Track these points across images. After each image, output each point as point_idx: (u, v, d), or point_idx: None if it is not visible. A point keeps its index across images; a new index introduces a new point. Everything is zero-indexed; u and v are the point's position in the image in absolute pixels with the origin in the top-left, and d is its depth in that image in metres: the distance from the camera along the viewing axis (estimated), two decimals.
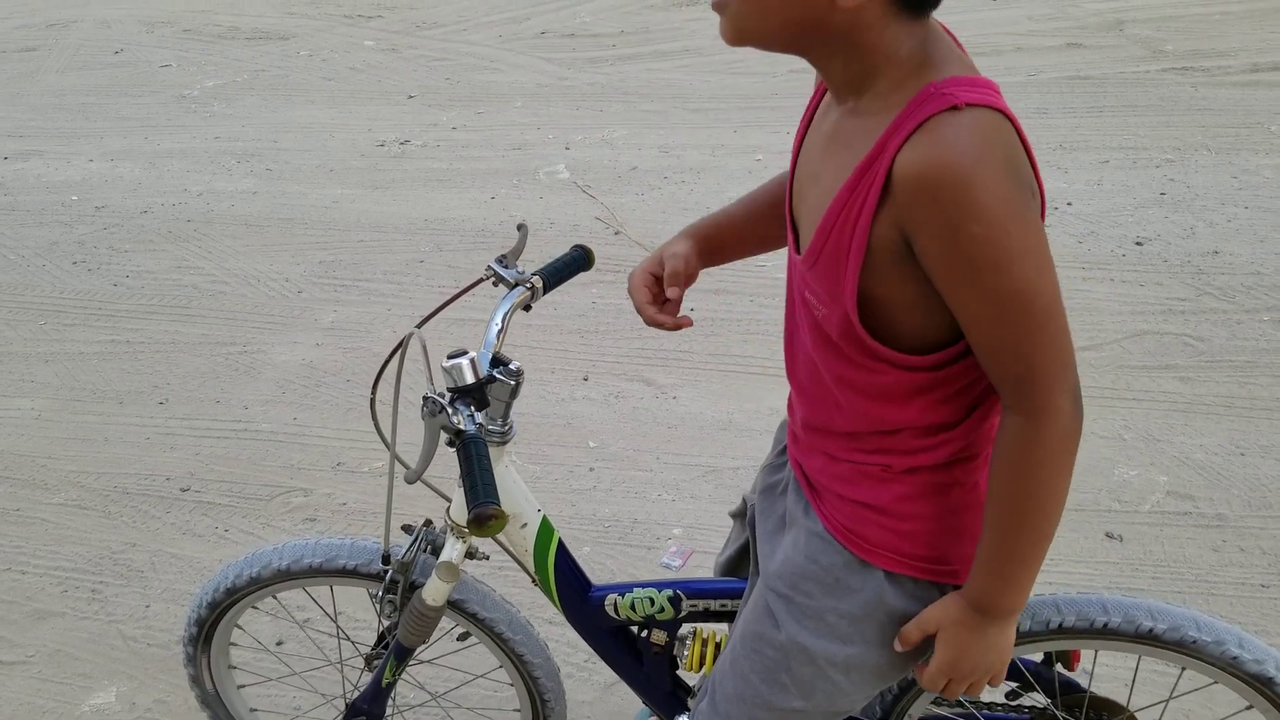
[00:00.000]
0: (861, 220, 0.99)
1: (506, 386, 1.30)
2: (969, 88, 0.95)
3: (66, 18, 6.98)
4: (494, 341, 1.35)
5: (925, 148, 0.93)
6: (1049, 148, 3.87)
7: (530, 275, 1.43)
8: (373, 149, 4.69)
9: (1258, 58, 4.34)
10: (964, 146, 0.91)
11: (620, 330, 3.25)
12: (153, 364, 3.33)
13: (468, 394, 1.24)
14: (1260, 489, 2.39)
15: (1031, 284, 0.95)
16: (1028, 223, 0.94)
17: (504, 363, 1.32)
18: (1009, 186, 0.92)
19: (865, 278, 1.01)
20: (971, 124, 0.92)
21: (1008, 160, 0.93)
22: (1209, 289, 3.05)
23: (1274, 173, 3.55)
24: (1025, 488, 1.03)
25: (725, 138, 4.37)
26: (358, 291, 3.60)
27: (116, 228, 4.21)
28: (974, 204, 0.91)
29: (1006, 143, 0.94)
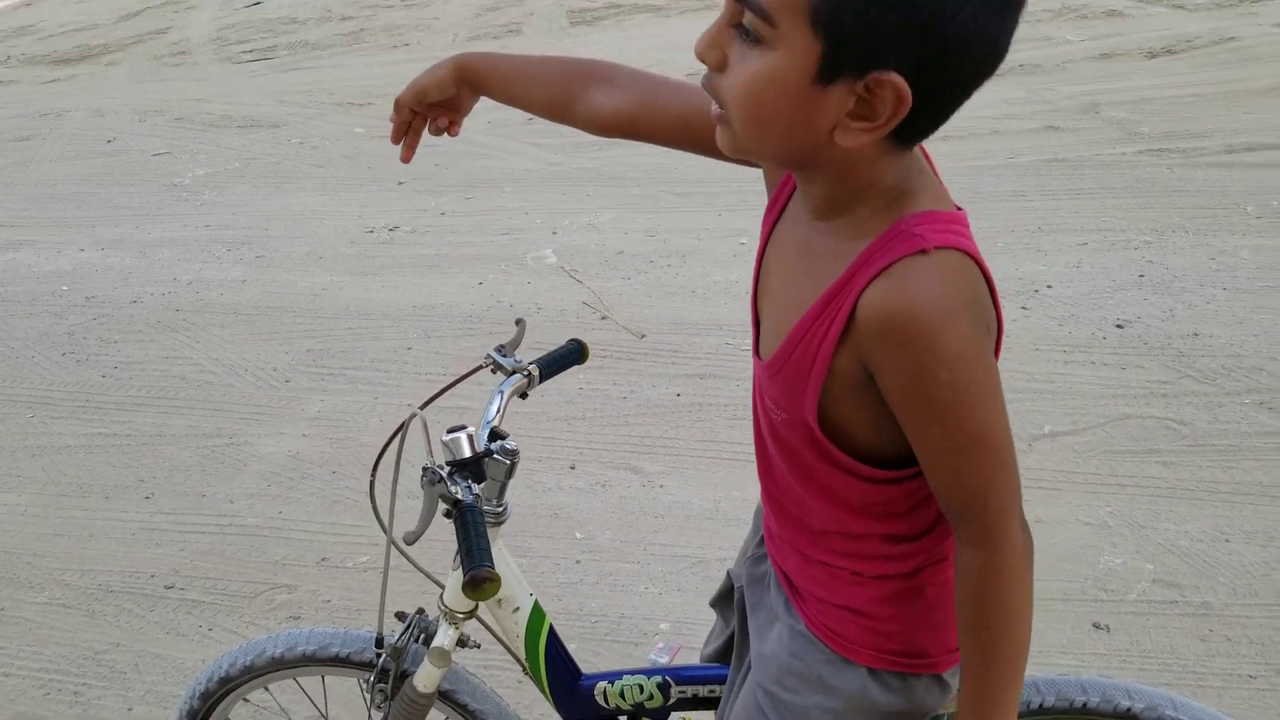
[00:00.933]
0: (824, 348, 1.02)
1: (502, 465, 1.33)
2: (940, 226, 0.97)
3: (61, 107, 7.09)
4: (492, 420, 1.39)
5: (893, 292, 0.95)
6: (1028, 230, 3.93)
7: (528, 364, 1.47)
8: (362, 235, 4.74)
9: (1232, 139, 4.42)
10: (931, 295, 0.94)
11: (608, 417, 3.26)
12: (139, 457, 3.32)
13: (466, 467, 1.29)
14: (1246, 576, 2.40)
15: (989, 424, 0.99)
16: (988, 366, 0.98)
17: (501, 438, 1.35)
18: (972, 332, 0.96)
19: (825, 398, 1.04)
20: (939, 270, 0.95)
21: (971, 305, 0.97)
22: (1190, 372, 3.08)
23: (1251, 254, 3.60)
24: (993, 620, 1.05)
25: (710, 221, 4.42)
26: (345, 380, 3.61)
27: (106, 318, 4.23)
28: (940, 350, 0.95)
29: (971, 286, 0.97)
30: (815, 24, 0.88)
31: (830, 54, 0.89)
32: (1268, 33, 5.42)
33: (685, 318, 3.73)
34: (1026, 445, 2.88)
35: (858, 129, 0.93)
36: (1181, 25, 5.70)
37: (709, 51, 0.96)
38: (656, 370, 3.47)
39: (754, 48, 0.92)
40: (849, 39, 0.88)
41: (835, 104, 0.92)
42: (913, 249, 0.95)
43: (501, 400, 1.40)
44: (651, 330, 3.70)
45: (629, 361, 3.54)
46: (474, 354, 3.63)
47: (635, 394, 3.36)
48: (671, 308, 3.83)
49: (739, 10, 0.93)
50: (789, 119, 0.94)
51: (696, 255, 4.18)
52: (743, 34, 0.93)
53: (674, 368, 3.46)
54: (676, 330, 3.67)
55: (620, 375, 3.47)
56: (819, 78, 0.90)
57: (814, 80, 0.90)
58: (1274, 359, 3.08)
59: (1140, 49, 5.47)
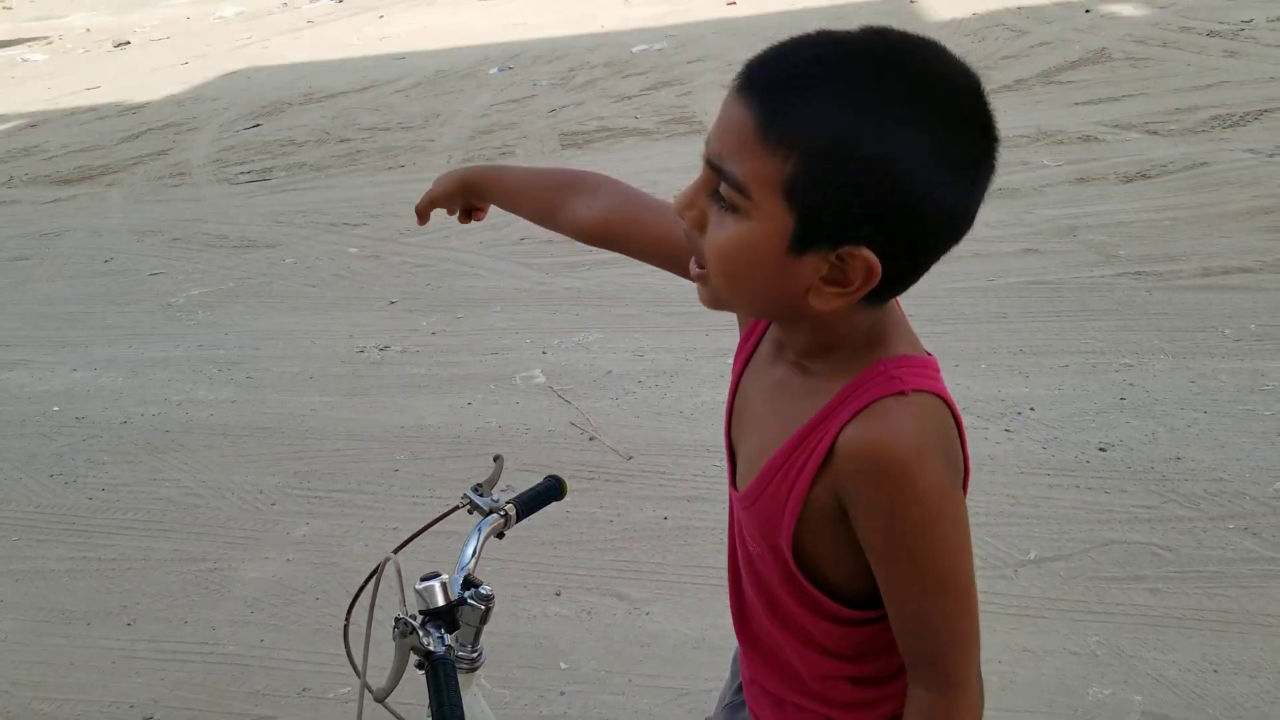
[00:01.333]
0: (800, 481, 1.05)
1: (477, 611, 1.34)
2: (915, 370, 1.02)
3: (59, 227, 7.20)
4: (467, 565, 1.40)
5: (872, 430, 0.99)
6: (1010, 352, 3.98)
7: (504, 504, 1.48)
8: (353, 355, 4.78)
9: (1208, 262, 4.51)
10: (908, 434, 0.98)
11: (594, 541, 3.26)
12: (123, 582, 3.30)
13: (439, 616, 1.30)
14: (1235, 707, 2.38)
15: (957, 567, 1.02)
16: (958, 508, 1.01)
17: (475, 585, 1.35)
18: (945, 473, 1.00)
19: (800, 530, 1.07)
20: (916, 411, 1.00)
21: (944, 445, 1.01)
22: (1173, 496, 3.09)
23: (1230, 376, 3.65)
24: None
25: (698, 341, 4.47)
26: (331, 503, 3.61)
27: (95, 439, 4.24)
28: (915, 490, 0.98)
29: (944, 428, 1.02)
30: (789, 199, 0.92)
31: (803, 227, 0.93)
32: (1239, 158, 5.57)
33: (673, 439, 3.75)
34: (1012, 572, 2.88)
35: (830, 293, 0.97)
36: (1155, 150, 5.86)
37: (686, 211, 1.00)
38: (644, 493, 3.47)
39: (730, 214, 0.96)
40: (821, 215, 0.92)
41: (809, 271, 0.96)
42: (891, 390, 1.00)
43: (478, 542, 1.41)
44: (639, 451, 3.71)
45: (616, 484, 3.55)
46: (461, 477, 3.63)
47: (622, 517, 3.36)
48: (659, 429, 3.85)
49: (715, 179, 0.97)
50: (765, 282, 0.98)
51: (684, 375, 4.22)
52: (719, 200, 0.97)
53: (661, 490, 3.47)
54: (664, 451, 3.69)
55: (607, 498, 3.47)
56: (793, 247, 0.94)
57: (788, 249, 0.95)
58: (1256, 483, 3.10)
59: (1116, 173, 5.61)
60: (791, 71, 0.93)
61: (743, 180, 0.94)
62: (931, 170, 0.91)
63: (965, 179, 0.94)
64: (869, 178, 0.90)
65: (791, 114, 0.91)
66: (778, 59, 0.95)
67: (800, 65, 0.93)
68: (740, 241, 0.96)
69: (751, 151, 0.93)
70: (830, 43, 0.94)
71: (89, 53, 15.24)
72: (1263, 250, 4.56)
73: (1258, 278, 4.33)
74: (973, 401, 3.66)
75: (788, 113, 0.91)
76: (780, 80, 0.93)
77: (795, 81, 0.92)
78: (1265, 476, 3.13)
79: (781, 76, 0.93)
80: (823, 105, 0.90)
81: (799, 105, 0.91)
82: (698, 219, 0.99)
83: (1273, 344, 3.82)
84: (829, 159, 0.90)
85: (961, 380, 3.81)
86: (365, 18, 15.01)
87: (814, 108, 0.90)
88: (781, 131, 0.91)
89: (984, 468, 3.31)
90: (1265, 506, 3.00)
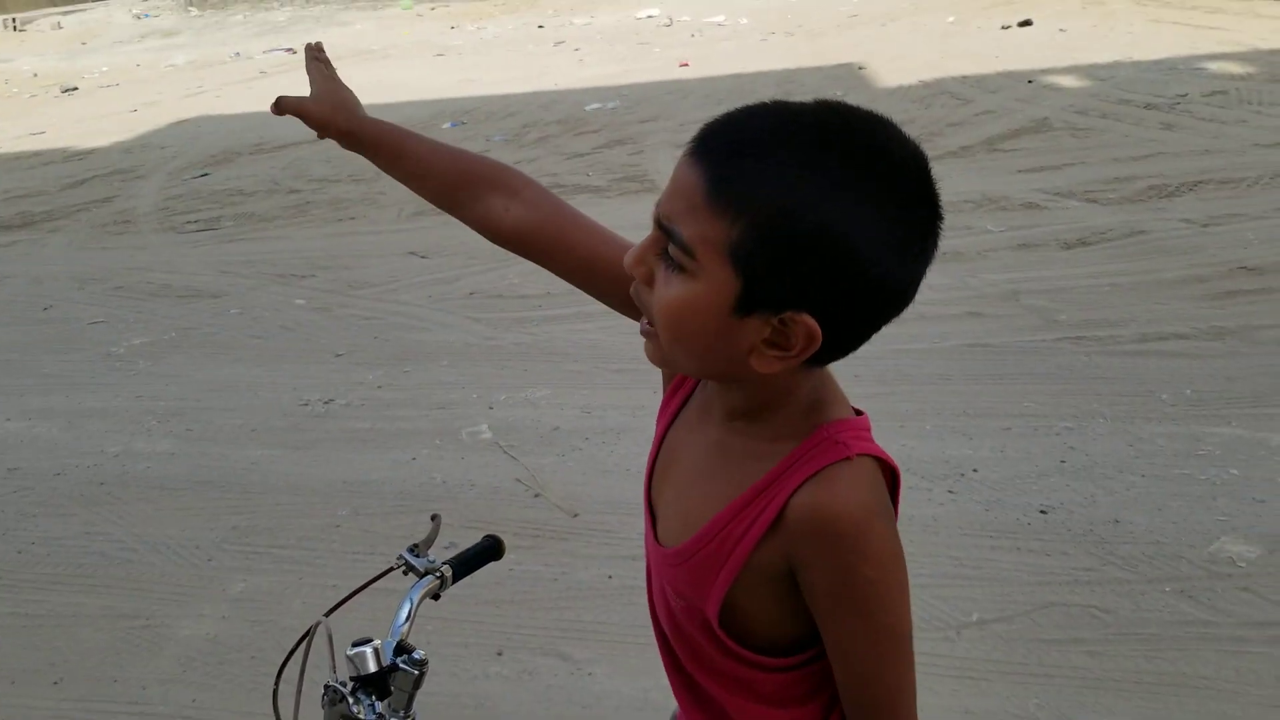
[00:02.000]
0: (745, 542, 1.06)
1: (410, 676, 1.31)
2: (854, 433, 1.05)
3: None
4: (401, 629, 1.37)
5: (823, 495, 1.02)
6: (953, 414, 4.03)
7: (440, 565, 1.46)
8: (296, 408, 4.73)
9: (1146, 328, 4.62)
10: (859, 499, 1.02)
11: (538, 600, 3.22)
12: (51, 639, 3.21)
13: (370, 683, 1.27)
14: None
15: (902, 620, 1.06)
16: (903, 567, 1.05)
17: (408, 651, 1.33)
18: (890, 534, 1.04)
19: (734, 589, 1.09)
20: (863, 476, 1.03)
21: (885, 505, 1.05)
22: (1112, 558, 3.13)
23: (1168, 441, 3.72)
24: None
25: (645, 398, 4.47)
26: (270, 559, 3.54)
27: (28, 490, 4.14)
28: (866, 550, 1.02)
29: (882, 489, 1.05)
30: (734, 262, 0.95)
31: (747, 290, 0.96)
32: (1175, 227, 5.73)
33: (619, 497, 3.74)
34: (955, 633, 2.89)
35: (772, 356, 0.99)
36: (1094, 218, 6.00)
37: (637, 268, 1.02)
38: (589, 551, 3.45)
39: (677, 274, 0.98)
40: (765, 280, 0.95)
41: (752, 333, 0.98)
42: (839, 456, 1.02)
43: (412, 606, 1.38)
44: (585, 509, 3.69)
45: (561, 541, 3.52)
46: (404, 534, 3.58)
47: (566, 575, 3.33)
48: (605, 486, 3.83)
49: (664, 239, 0.99)
50: (709, 342, 1.00)
51: (632, 433, 4.21)
52: (667, 259, 0.99)
53: (606, 549, 3.45)
54: (610, 509, 3.67)
55: (552, 556, 3.44)
56: (737, 309, 0.97)
57: (732, 311, 0.97)
58: (1192, 546, 3.15)
59: (1057, 240, 5.74)
60: (744, 139, 0.95)
61: (689, 242, 0.96)
62: (876, 244, 0.94)
63: (909, 254, 0.97)
64: (814, 247, 0.93)
65: (741, 180, 0.93)
66: (732, 126, 0.97)
67: (753, 133, 0.95)
68: (686, 301, 0.98)
69: (700, 214, 0.95)
70: (784, 113, 0.97)
71: (35, 97, 15.10)
72: (1198, 317, 4.67)
73: (1194, 344, 4.43)
74: (917, 463, 3.70)
75: (737, 179, 0.94)
76: (733, 147, 0.95)
77: (747, 149, 0.94)
78: (1200, 540, 3.18)
79: (734, 143, 0.96)
80: (772, 174, 0.93)
81: (749, 172, 0.93)
82: (647, 276, 1.02)
83: (1208, 409, 3.91)
84: (775, 227, 0.93)
85: (906, 441, 3.84)
86: None
87: (763, 176, 0.93)
88: (730, 197, 0.94)
89: (927, 529, 3.34)
90: (1200, 570, 3.05)
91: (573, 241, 1.30)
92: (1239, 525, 3.23)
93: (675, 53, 12.96)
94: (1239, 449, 3.63)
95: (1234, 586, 2.97)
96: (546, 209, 1.31)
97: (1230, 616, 2.86)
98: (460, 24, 18.38)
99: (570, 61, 13.44)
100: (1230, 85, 8.60)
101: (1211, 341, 4.44)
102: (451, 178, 1.35)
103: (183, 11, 24.06)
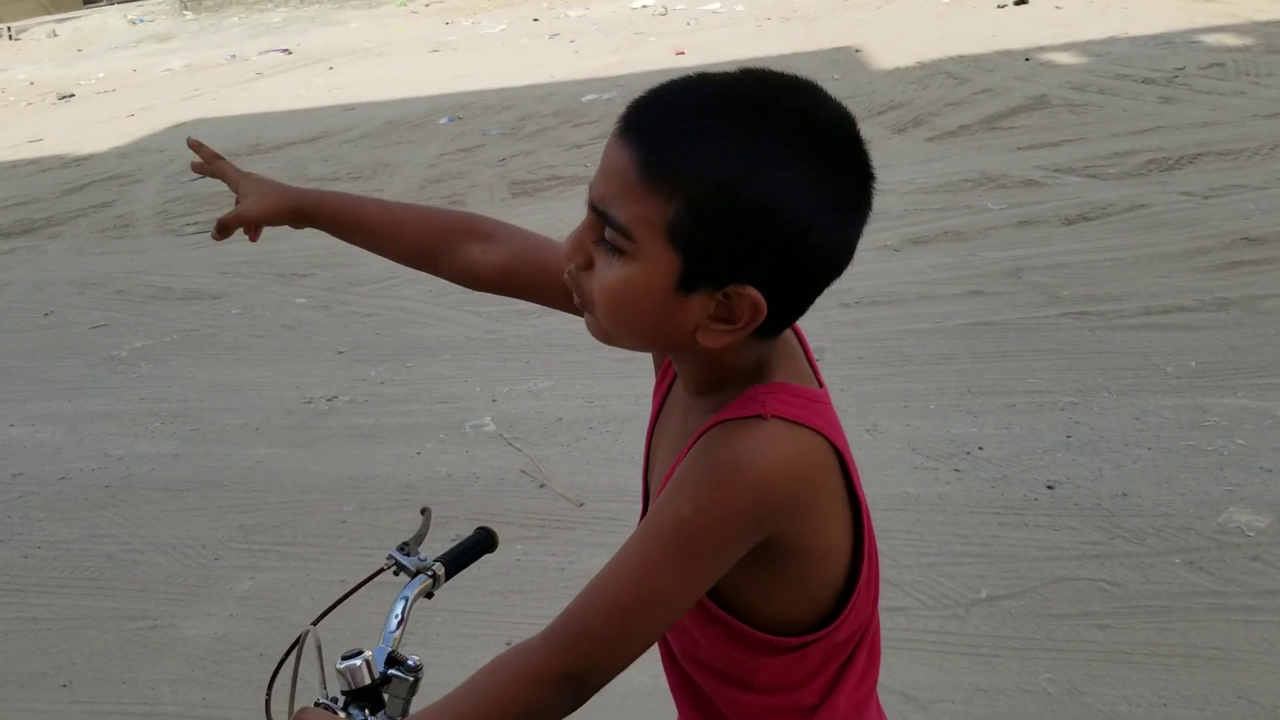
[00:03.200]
0: None
1: (405, 683, 1.28)
2: (783, 398, 1.01)
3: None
4: (392, 636, 1.33)
5: (717, 436, 1.00)
6: (957, 392, 4.01)
7: (432, 562, 1.43)
8: (300, 406, 4.72)
9: (1149, 301, 4.59)
10: (742, 451, 0.98)
11: (545, 589, 3.22)
12: (59, 642, 3.21)
13: (362, 697, 1.23)
14: None
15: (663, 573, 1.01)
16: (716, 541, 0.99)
17: (401, 660, 1.30)
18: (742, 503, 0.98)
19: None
20: (764, 435, 0.99)
21: (771, 475, 0.98)
22: (1120, 532, 3.11)
23: (1173, 413, 3.70)
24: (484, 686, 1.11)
25: (647, 386, 4.42)
26: (277, 556, 3.54)
27: (32, 495, 4.14)
28: (702, 497, 0.98)
29: (795, 458, 1.00)
30: (673, 240, 0.94)
31: (689, 268, 0.95)
32: (1176, 200, 5.69)
33: (624, 485, 3.73)
34: (964, 611, 2.88)
35: (718, 330, 0.99)
36: (1095, 193, 5.97)
37: (575, 254, 1.01)
38: (595, 539, 3.44)
39: (616, 257, 0.97)
40: (706, 256, 0.94)
41: (697, 309, 0.97)
42: (750, 412, 0.99)
43: (405, 607, 1.34)
44: (590, 498, 3.69)
45: (567, 531, 3.51)
46: (408, 528, 3.56)
47: (573, 565, 3.32)
48: (610, 475, 3.82)
49: (599, 223, 0.98)
50: (653, 321, 0.99)
51: (635, 421, 4.20)
52: (604, 244, 0.98)
53: (613, 537, 3.44)
54: (615, 498, 3.66)
55: (558, 545, 3.43)
56: (680, 287, 0.96)
57: (675, 289, 0.96)
58: (1200, 518, 3.13)
59: (1057, 216, 5.71)
60: (673, 115, 0.94)
61: (625, 224, 0.95)
62: (813, 211, 0.94)
63: (845, 217, 0.97)
64: (752, 219, 0.92)
65: (673, 157, 0.93)
66: (659, 103, 0.96)
67: (682, 109, 0.94)
68: (626, 284, 0.97)
69: (634, 195, 0.94)
70: (711, 85, 0.96)
71: (32, 105, 15.09)
72: (1201, 289, 4.65)
73: (1197, 316, 4.41)
74: (922, 442, 3.68)
75: (669, 156, 0.93)
76: (661, 123, 0.94)
77: (677, 125, 0.93)
78: (1209, 511, 3.16)
79: (663, 120, 0.94)
80: (704, 149, 0.92)
81: (681, 149, 0.92)
82: (585, 262, 1.01)
83: (1213, 380, 3.88)
84: (712, 202, 0.92)
85: (911, 421, 3.83)
86: (315, 69, 15.01)
87: (696, 151, 0.92)
88: (664, 175, 0.93)
89: (934, 508, 3.33)
90: (1209, 540, 3.03)
91: (545, 264, 1.30)
92: (1247, 495, 3.21)
93: (671, 41, 12.92)
94: (1245, 419, 3.61)
95: (1243, 556, 2.96)
96: (518, 244, 1.32)
97: (1240, 586, 2.85)
98: (455, 19, 18.33)
99: (566, 53, 13.40)
100: (1228, 57, 8.55)
101: (1215, 313, 4.42)
102: (419, 234, 1.35)
103: (177, 15, 24.03)
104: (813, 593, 1.08)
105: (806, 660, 1.10)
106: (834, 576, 1.08)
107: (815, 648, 1.10)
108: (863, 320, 4.65)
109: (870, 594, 1.12)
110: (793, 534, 1.01)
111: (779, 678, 1.12)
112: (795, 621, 1.09)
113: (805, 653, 1.10)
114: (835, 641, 1.10)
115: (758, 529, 0.99)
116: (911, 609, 2.89)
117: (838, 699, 1.14)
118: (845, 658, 1.13)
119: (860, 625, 1.12)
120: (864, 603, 1.11)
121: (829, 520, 1.04)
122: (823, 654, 1.10)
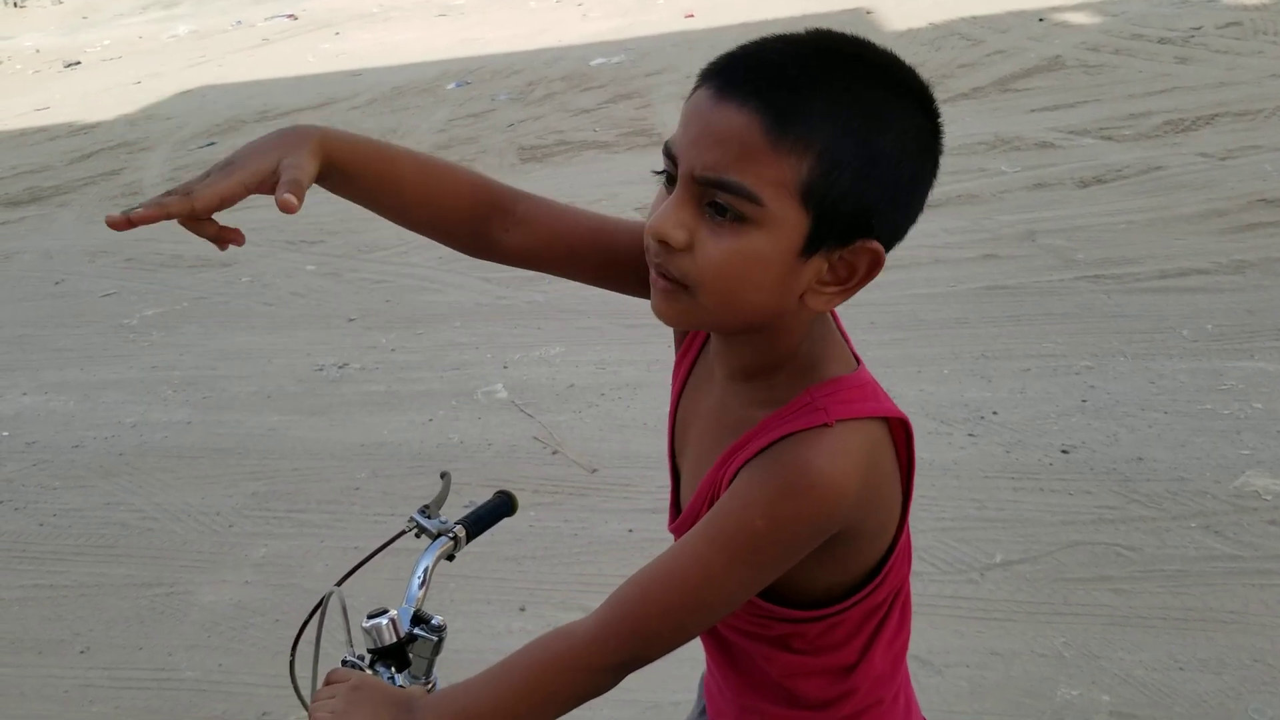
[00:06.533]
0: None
1: (429, 643, 1.29)
2: (840, 396, 1.01)
3: (8, 249, 7.07)
4: (416, 597, 1.34)
5: (788, 448, 0.99)
6: (971, 357, 3.99)
7: (453, 525, 1.43)
8: (311, 373, 4.72)
9: (1165, 264, 4.55)
10: (816, 464, 0.97)
11: (559, 555, 3.22)
12: (76, 609, 3.22)
13: (388, 655, 1.24)
14: (1202, 705, 2.38)
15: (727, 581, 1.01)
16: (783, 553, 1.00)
17: (425, 620, 1.31)
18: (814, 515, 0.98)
19: None
20: (831, 444, 0.98)
21: (842, 481, 0.97)
22: (1136, 496, 3.10)
23: (1189, 377, 3.67)
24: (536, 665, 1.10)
25: (660, 352, 4.45)
26: (291, 524, 3.55)
27: (46, 464, 4.15)
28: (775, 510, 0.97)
29: (860, 457, 0.99)
30: (805, 200, 0.91)
31: (818, 228, 0.93)
32: (1192, 162, 5.63)
33: (637, 451, 3.72)
34: (979, 575, 2.87)
35: (830, 293, 0.98)
36: (1110, 155, 5.91)
37: (677, 231, 0.94)
38: (608, 505, 3.44)
39: (731, 226, 0.93)
40: (836, 213, 0.92)
41: (810, 273, 0.96)
42: (816, 422, 0.98)
43: (427, 570, 1.35)
44: (603, 464, 3.68)
45: (580, 497, 3.51)
46: (423, 494, 3.58)
47: (587, 530, 3.33)
48: (623, 441, 3.82)
49: (702, 193, 0.93)
50: (768, 291, 0.96)
51: (647, 387, 4.19)
52: (715, 212, 0.93)
53: (626, 503, 3.44)
54: (628, 464, 3.66)
55: (571, 511, 3.44)
56: (803, 250, 0.94)
57: (798, 253, 0.94)
58: (1217, 481, 3.12)
59: (1072, 178, 5.66)
60: (783, 73, 0.91)
61: (753, 189, 0.91)
62: (917, 156, 0.95)
63: (933, 161, 0.98)
64: (880, 167, 0.92)
65: (800, 114, 0.90)
66: (759, 62, 0.93)
67: (787, 67, 0.91)
68: (746, 254, 0.93)
69: (759, 157, 0.90)
70: (798, 43, 0.94)
71: (39, 73, 15.04)
72: (1217, 252, 4.61)
73: (1213, 279, 4.37)
74: (936, 406, 3.66)
75: (796, 113, 0.90)
76: (775, 82, 0.91)
77: (791, 83, 0.91)
78: (1225, 475, 3.14)
79: (774, 79, 0.91)
80: (828, 102, 0.90)
81: (805, 105, 0.90)
82: (687, 240, 0.95)
83: (1229, 344, 3.85)
84: (846, 155, 0.91)
85: (925, 386, 3.81)
86: (321, 34, 14.92)
87: (820, 106, 0.90)
88: (794, 133, 0.90)
89: (948, 472, 3.31)
90: (1226, 504, 3.02)
91: (579, 242, 1.22)
92: (1264, 459, 3.20)
93: (681, 4, 12.78)
94: (1262, 382, 3.58)
95: (1260, 520, 2.95)
96: (548, 227, 1.22)
97: (1257, 550, 2.84)
98: None
99: (574, 17, 13.28)
100: (1245, 16, 8.43)
101: (1231, 275, 4.38)
102: (450, 210, 1.20)
103: None
104: (860, 565, 1.07)
105: (845, 622, 1.10)
106: (882, 546, 1.07)
107: (854, 610, 1.09)
108: (875, 284, 4.54)
109: (906, 555, 1.11)
110: (856, 522, 1.01)
111: (817, 640, 1.12)
112: (836, 587, 1.08)
113: (844, 616, 1.09)
114: (874, 603, 1.10)
115: (828, 532, 0.99)
116: (926, 574, 2.88)
117: (873, 658, 1.13)
118: (881, 618, 1.12)
119: (897, 585, 1.12)
120: (901, 564, 1.11)
121: (888, 502, 1.04)
122: (861, 615, 1.10)
